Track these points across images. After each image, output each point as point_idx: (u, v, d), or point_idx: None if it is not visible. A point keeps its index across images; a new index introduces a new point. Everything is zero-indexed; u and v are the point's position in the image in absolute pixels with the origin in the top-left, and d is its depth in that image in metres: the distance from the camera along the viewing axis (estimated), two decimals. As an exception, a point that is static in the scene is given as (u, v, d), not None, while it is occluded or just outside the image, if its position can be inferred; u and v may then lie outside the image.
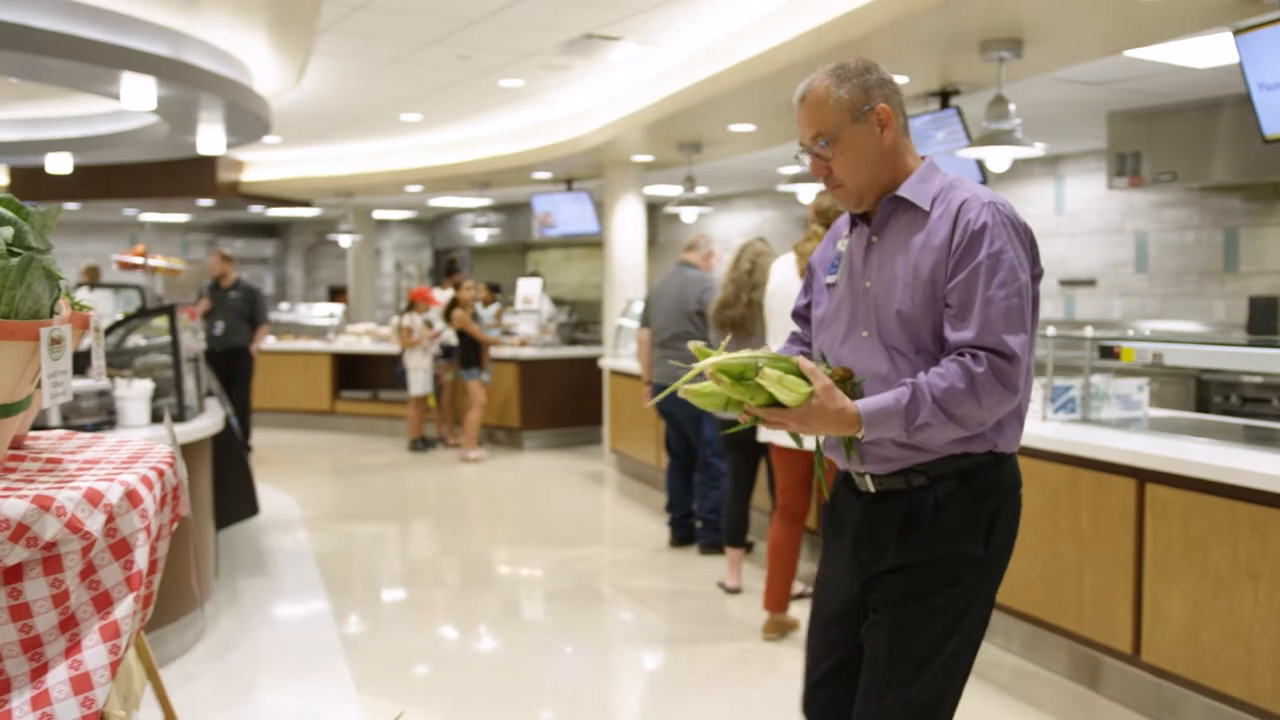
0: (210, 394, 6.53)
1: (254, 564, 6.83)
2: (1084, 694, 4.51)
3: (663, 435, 7.66)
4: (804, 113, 2.45)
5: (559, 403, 12.03)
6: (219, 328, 10.49)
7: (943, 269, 2.32)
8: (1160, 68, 6.94)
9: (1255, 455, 3.98)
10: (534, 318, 12.80)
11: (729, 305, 5.95)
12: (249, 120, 9.32)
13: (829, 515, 2.63)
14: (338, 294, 20.48)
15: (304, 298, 21.14)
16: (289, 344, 13.81)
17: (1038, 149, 6.39)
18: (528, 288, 13.06)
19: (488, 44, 7.71)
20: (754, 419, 2.28)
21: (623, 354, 10.41)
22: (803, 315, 2.74)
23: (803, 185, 8.51)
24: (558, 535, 7.88)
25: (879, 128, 2.42)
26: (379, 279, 20.03)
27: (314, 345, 13.72)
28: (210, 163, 13.90)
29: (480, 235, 16.25)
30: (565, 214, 13.29)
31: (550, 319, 12.76)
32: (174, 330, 5.51)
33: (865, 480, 2.48)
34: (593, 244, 16.72)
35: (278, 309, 16.44)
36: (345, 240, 16.62)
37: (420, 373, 11.45)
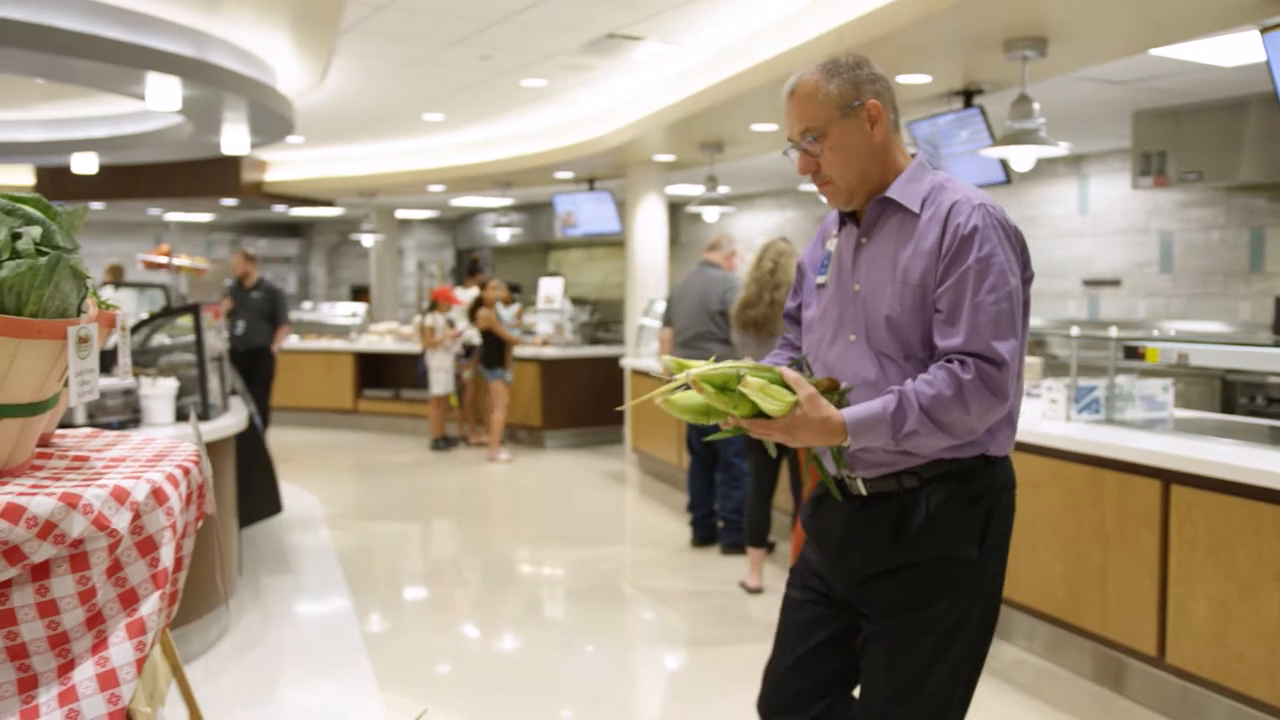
0: (234, 392, 6.56)
1: (277, 562, 6.86)
2: (1107, 696, 4.48)
3: (684, 435, 7.65)
4: (793, 107, 2.40)
5: (581, 402, 12.03)
6: (240, 327, 10.52)
7: (932, 274, 2.28)
8: (1186, 66, 6.89)
9: (1282, 456, 3.96)
10: (555, 317, 12.82)
11: (751, 305, 5.94)
12: (273, 120, 9.36)
13: (813, 514, 2.55)
14: (360, 293, 20.54)
15: (327, 297, 21.22)
16: (312, 343, 13.87)
17: (1062, 148, 6.34)
18: (550, 287, 13.07)
19: (510, 44, 7.72)
20: (737, 429, 2.23)
21: (644, 353, 10.41)
22: (793, 317, 2.70)
23: (825, 185, 8.48)
24: (579, 534, 7.89)
25: (869, 124, 2.38)
26: (401, 278, 20.08)
27: (336, 344, 13.78)
28: (234, 163, 13.97)
29: (502, 235, 16.27)
30: (587, 214, 13.30)
31: (570, 318, 12.76)
32: (198, 329, 5.54)
33: (856, 483, 2.42)
34: (615, 244, 16.73)
35: (300, 308, 16.50)
36: (368, 240, 16.67)
37: (442, 372, 11.48)
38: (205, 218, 19.59)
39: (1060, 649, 4.81)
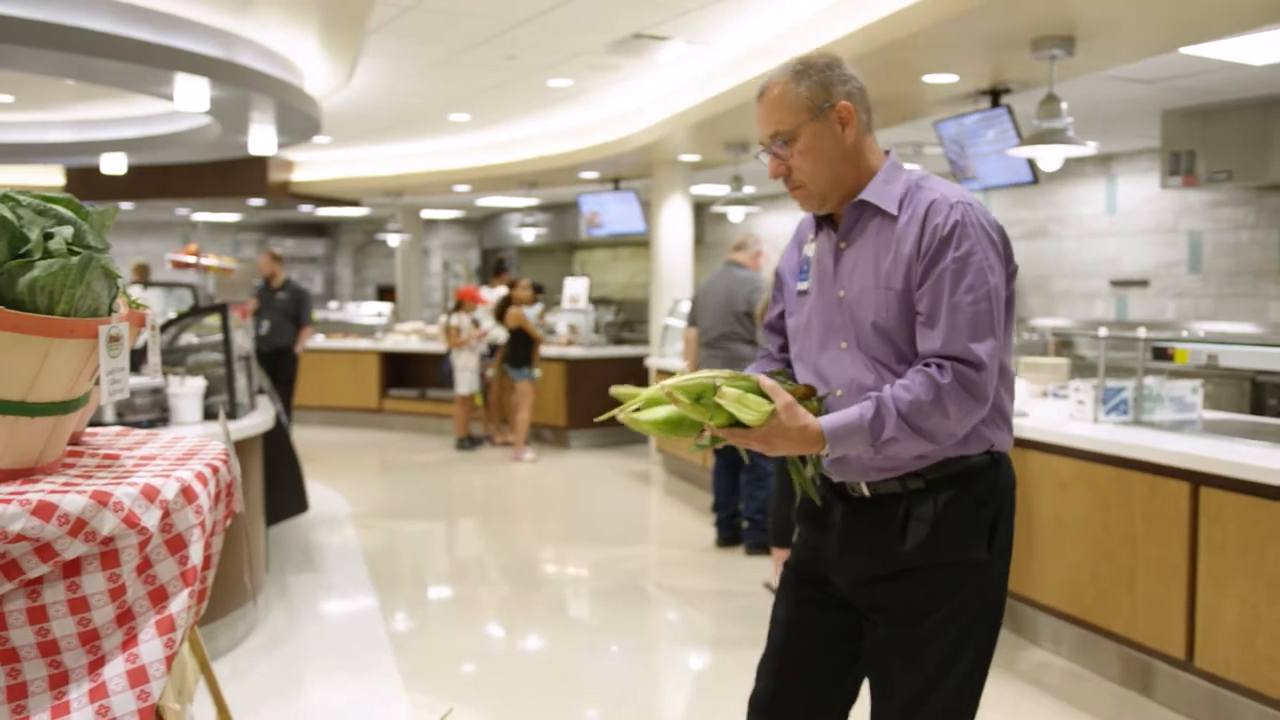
0: (261, 391, 6.59)
1: (303, 560, 6.89)
2: (1135, 699, 4.45)
3: (709, 435, 7.63)
4: (762, 110, 2.35)
5: (605, 402, 11.99)
6: (265, 327, 10.57)
7: (914, 277, 2.24)
8: (1215, 65, 6.84)
9: (1313, 459, 3.92)
10: (572, 318, 12.85)
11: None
12: (300, 120, 9.40)
13: (809, 515, 2.51)
14: (386, 293, 20.63)
15: (352, 296, 21.31)
16: (338, 343, 13.93)
17: (1089, 148, 6.31)
18: (575, 287, 13.09)
19: (536, 44, 7.73)
20: (714, 439, 2.20)
21: (669, 353, 10.41)
22: (774, 327, 2.64)
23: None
24: (604, 534, 7.90)
25: (840, 126, 2.32)
26: (427, 278, 20.14)
27: (362, 344, 13.83)
28: (261, 163, 14.05)
29: (527, 235, 16.31)
30: (612, 213, 13.31)
31: (591, 319, 12.77)
32: (226, 329, 5.57)
33: (859, 486, 2.38)
34: (640, 243, 16.73)
35: (326, 308, 16.58)
36: (394, 239, 16.74)
37: (468, 372, 11.51)
38: (232, 218, 19.70)
39: (1087, 651, 4.78)
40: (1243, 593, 3.97)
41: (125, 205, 15.63)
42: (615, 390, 2.25)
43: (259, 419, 5.55)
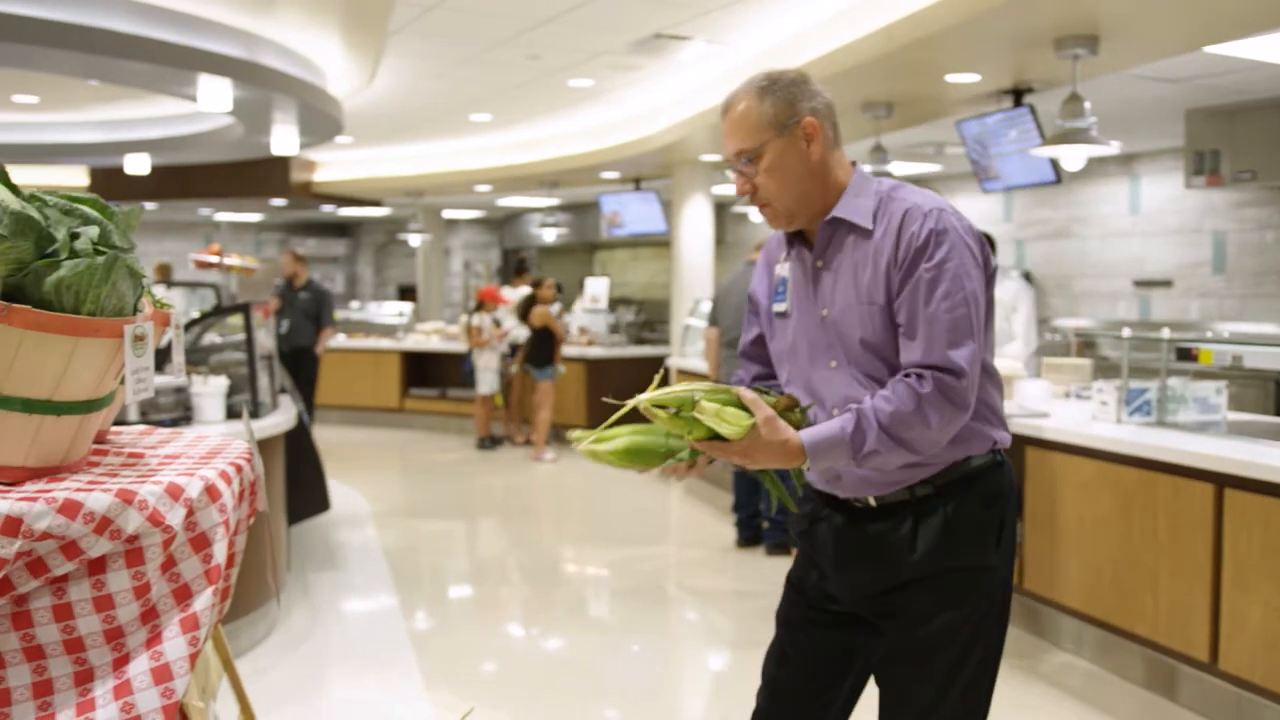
0: (283, 391, 6.62)
1: (324, 559, 6.91)
2: (1159, 702, 4.43)
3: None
4: (726, 127, 2.31)
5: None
6: (284, 326, 10.60)
7: (893, 290, 2.22)
8: (1240, 64, 6.79)
9: (1339, 460, 3.89)
10: (593, 318, 12.85)
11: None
12: (322, 121, 9.44)
13: (809, 527, 2.48)
14: (407, 293, 20.69)
15: (374, 296, 21.37)
16: (359, 342, 13.97)
17: (1113, 148, 6.27)
18: (596, 287, 13.09)
19: (558, 44, 7.74)
20: (694, 453, 2.19)
21: (690, 353, 10.40)
22: (750, 355, 2.59)
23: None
24: (624, 534, 7.90)
25: (805, 142, 2.27)
26: (448, 278, 20.19)
27: (383, 344, 13.87)
28: (284, 163, 14.11)
29: (548, 235, 16.32)
30: (633, 213, 13.31)
31: (607, 320, 12.78)
32: (249, 328, 5.60)
33: (865, 497, 2.36)
34: (660, 243, 16.73)
35: (348, 307, 16.63)
36: (415, 239, 16.78)
37: (489, 372, 11.52)
38: (255, 218, 19.79)
39: (1110, 654, 4.75)
40: (1267, 595, 3.94)
41: (149, 205, 15.72)
42: (572, 435, 2.25)
43: (281, 418, 5.57)
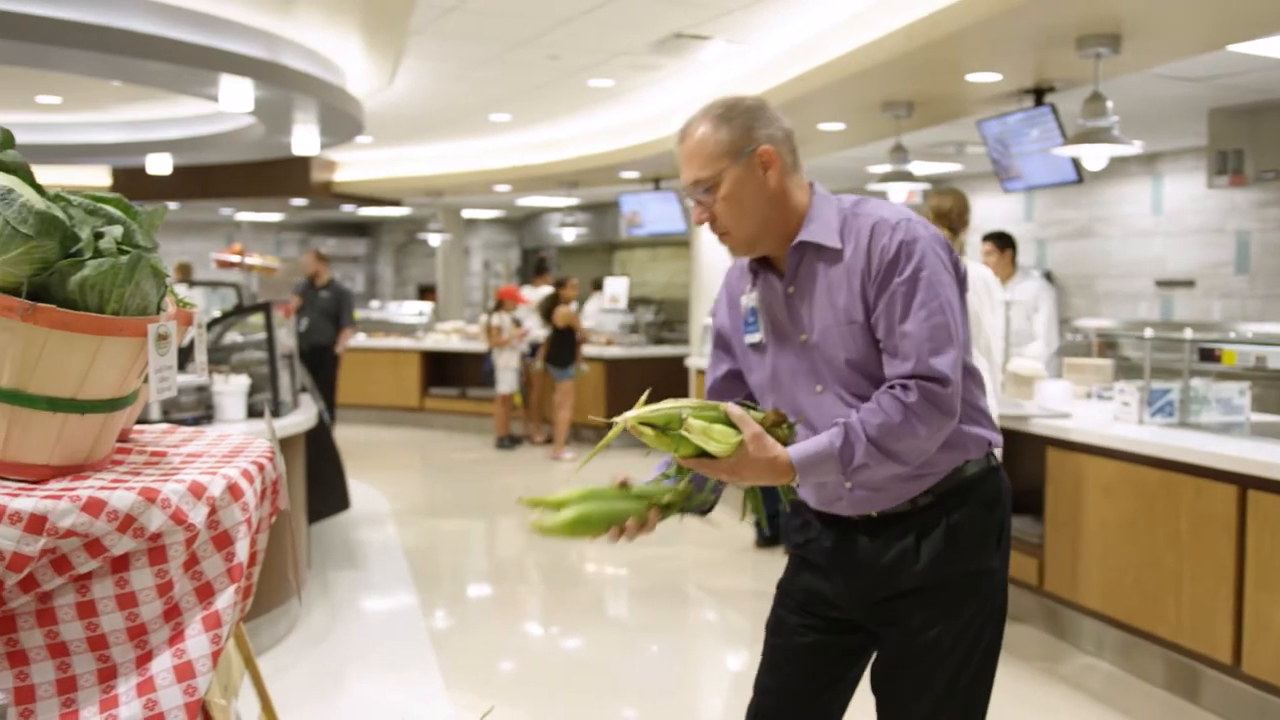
0: (304, 390, 6.64)
1: (344, 557, 6.94)
2: (1181, 705, 4.40)
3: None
4: (683, 156, 2.27)
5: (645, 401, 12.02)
6: (304, 324, 10.63)
7: (870, 304, 2.20)
8: (1265, 62, 6.74)
9: (1364, 462, 3.86)
10: (606, 318, 12.86)
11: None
12: (342, 121, 9.46)
13: (807, 537, 2.46)
14: (427, 292, 20.72)
15: (394, 296, 21.43)
16: (379, 341, 14.01)
17: (1135, 147, 6.24)
18: (615, 287, 13.10)
19: (578, 44, 7.74)
20: (680, 470, 2.18)
21: (709, 353, 10.38)
22: (718, 391, 2.55)
23: (893, 185, 8.43)
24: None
25: (762, 170, 2.24)
26: (467, 277, 20.23)
27: (403, 343, 13.91)
28: (304, 163, 14.14)
29: (568, 234, 16.32)
30: (653, 213, 13.30)
31: (616, 321, 12.79)
32: (270, 327, 5.62)
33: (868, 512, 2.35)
34: (680, 243, 16.71)
35: (368, 307, 16.67)
36: (435, 239, 16.81)
37: (509, 371, 11.54)
38: (275, 217, 19.87)
39: (1131, 656, 4.73)
40: (1291, 598, 3.92)
41: (170, 205, 15.80)
42: (523, 500, 2.26)
43: (302, 417, 5.59)
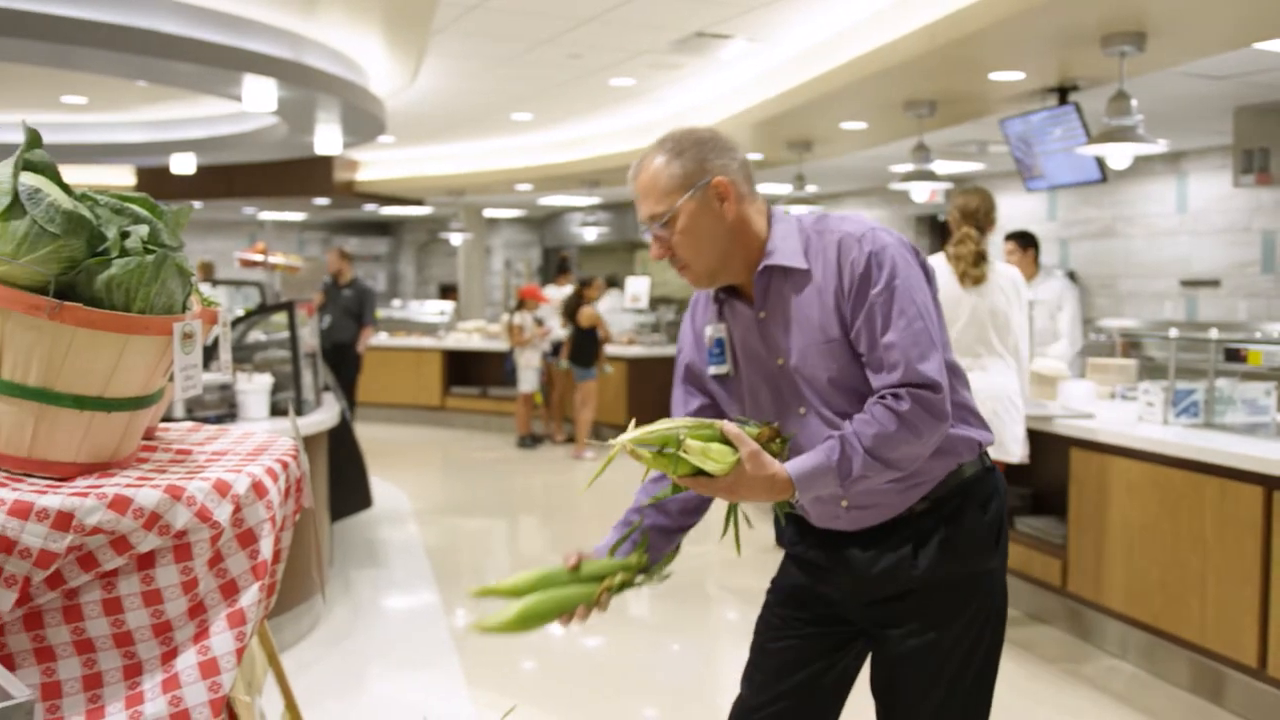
0: (327, 388, 6.67)
1: (366, 555, 6.96)
2: (1205, 707, 4.37)
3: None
4: (638, 192, 2.26)
5: (666, 401, 11.95)
6: (326, 322, 10.67)
7: (847, 321, 2.19)
8: (1291, 61, 6.70)
9: (1392, 463, 3.83)
10: (628, 317, 12.86)
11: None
12: (365, 120, 9.50)
13: (800, 540, 2.46)
14: (448, 291, 20.78)
15: (415, 295, 21.50)
16: (401, 340, 14.05)
17: (1160, 146, 6.20)
18: (637, 286, 13.10)
19: (599, 43, 7.75)
20: (676, 488, 2.17)
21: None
22: None
23: (915, 184, 8.40)
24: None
25: (718, 202, 2.21)
26: (489, 277, 20.27)
27: (425, 342, 13.95)
28: (327, 162, 14.21)
29: (589, 234, 16.34)
30: (674, 213, 13.29)
31: (625, 320, 12.79)
32: (293, 326, 5.64)
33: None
34: (700, 242, 16.72)
35: (390, 306, 16.72)
36: (456, 238, 16.86)
37: (530, 370, 11.55)
38: (298, 216, 19.95)
39: (1155, 658, 4.70)
40: (1318, 600, 3.89)
41: (195, 204, 15.87)
42: (473, 591, 2.25)
43: (324, 415, 5.61)
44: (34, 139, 1.63)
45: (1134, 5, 5.21)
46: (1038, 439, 5.14)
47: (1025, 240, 6.84)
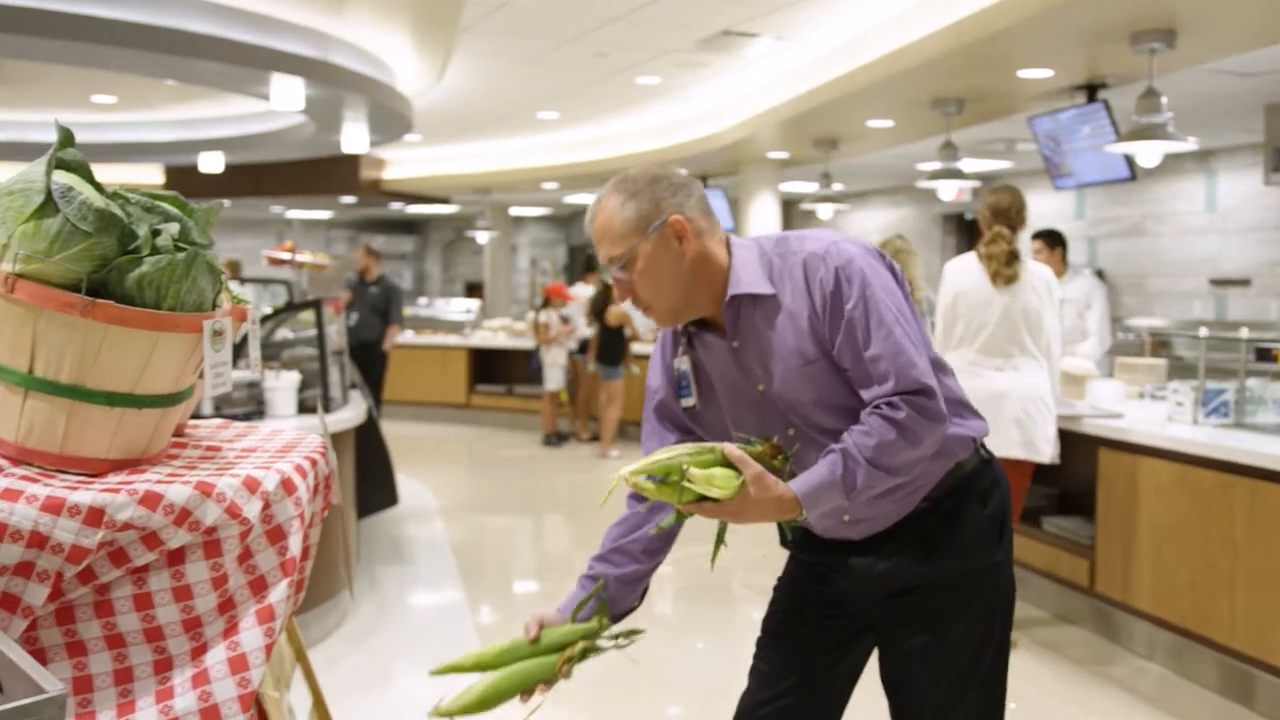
0: (353, 386, 6.70)
1: (392, 552, 6.98)
2: (1235, 709, 4.34)
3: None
4: (594, 236, 2.22)
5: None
6: (353, 319, 10.70)
7: (824, 339, 2.16)
8: (1323, 58, 6.64)
9: None
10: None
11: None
12: (392, 119, 9.53)
13: (804, 540, 2.44)
14: (474, 289, 20.83)
15: (441, 293, 21.56)
16: (427, 338, 14.09)
17: (1190, 143, 6.16)
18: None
19: (626, 42, 7.75)
20: (680, 516, 2.16)
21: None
22: None
23: (942, 182, 8.37)
24: (688, 531, 7.80)
25: (676, 241, 2.17)
26: (514, 275, 20.31)
27: (451, 340, 13.99)
28: (354, 161, 14.26)
29: (614, 232, 16.30)
30: (699, 211, 13.28)
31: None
32: (320, 324, 5.67)
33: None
34: (726, 241, 16.72)
35: (416, 304, 16.77)
36: (482, 236, 16.89)
37: (556, 368, 11.57)
38: (324, 215, 20.04)
39: (1184, 659, 4.66)
40: (1349, 602, 3.85)
41: (224, 203, 15.96)
42: (434, 670, 2.29)
43: (351, 413, 5.63)
44: (66, 138, 1.64)
45: (1164, 2, 5.18)
46: (1066, 439, 5.11)
47: (1053, 239, 6.80)
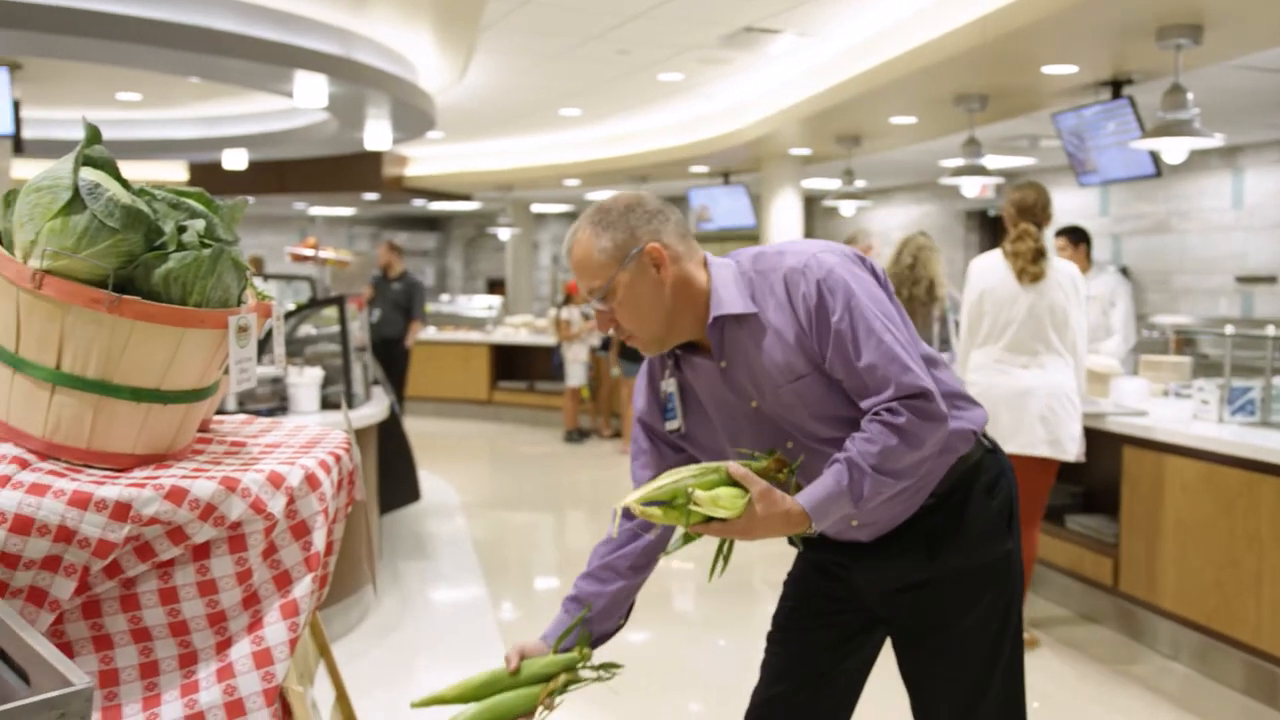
0: (376, 382, 6.72)
1: (414, 548, 7.01)
2: (1260, 710, 4.31)
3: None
4: (573, 268, 2.22)
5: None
6: (375, 315, 10.72)
7: (814, 353, 2.14)
8: (1352, 53, 6.58)
9: None
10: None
11: (888, 300, 5.86)
12: (414, 116, 9.56)
13: (810, 540, 2.40)
14: (496, 286, 20.86)
15: (463, 289, 21.60)
16: (449, 335, 14.13)
17: (1216, 140, 6.11)
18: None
19: (648, 38, 7.75)
20: (688, 537, 2.15)
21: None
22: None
23: (966, 179, 8.34)
24: (710, 529, 7.87)
25: (654, 268, 2.15)
26: (536, 271, 20.33)
27: (473, 336, 14.01)
28: (376, 158, 14.30)
29: (636, 229, 16.31)
30: (722, 208, 13.28)
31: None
32: (343, 320, 5.69)
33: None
34: (749, 238, 16.63)
35: (438, 300, 16.80)
36: (504, 233, 16.91)
37: (578, 365, 11.58)
38: (347, 211, 20.11)
39: (1208, 659, 4.63)
40: (1377, 602, 3.82)
41: (249, 199, 16.04)
42: (415, 703, 2.30)
43: (374, 409, 5.65)
44: (94, 135, 1.65)
45: (1190, -3, 5.14)
46: (1090, 436, 5.08)
47: (1077, 236, 6.76)
